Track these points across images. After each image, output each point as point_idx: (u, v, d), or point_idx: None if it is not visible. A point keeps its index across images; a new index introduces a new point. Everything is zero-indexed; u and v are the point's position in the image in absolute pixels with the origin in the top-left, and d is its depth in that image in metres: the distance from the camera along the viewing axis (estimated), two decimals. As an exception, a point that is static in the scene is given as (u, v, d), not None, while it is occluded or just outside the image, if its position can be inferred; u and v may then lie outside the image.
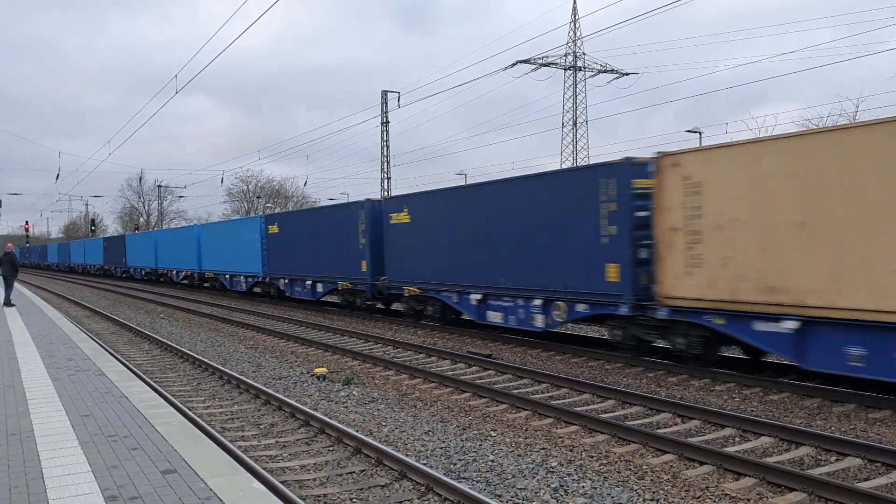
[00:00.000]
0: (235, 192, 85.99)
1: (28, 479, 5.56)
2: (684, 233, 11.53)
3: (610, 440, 8.55)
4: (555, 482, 6.97)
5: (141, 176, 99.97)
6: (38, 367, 10.93)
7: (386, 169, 53.56)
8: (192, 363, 14.56)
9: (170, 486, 5.38)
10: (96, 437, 6.78)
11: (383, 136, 52.91)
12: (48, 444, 6.54)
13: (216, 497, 5.12)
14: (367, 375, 13.02)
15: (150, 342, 17.99)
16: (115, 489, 5.30)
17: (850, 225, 9.42)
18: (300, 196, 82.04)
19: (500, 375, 12.79)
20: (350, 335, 18.41)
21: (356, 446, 8.11)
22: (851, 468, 7.37)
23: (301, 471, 7.58)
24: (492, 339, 16.88)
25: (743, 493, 6.68)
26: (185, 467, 5.84)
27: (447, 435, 8.84)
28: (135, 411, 7.91)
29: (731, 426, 8.93)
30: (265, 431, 9.23)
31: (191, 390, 11.98)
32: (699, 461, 7.58)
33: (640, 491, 6.77)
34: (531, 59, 50.52)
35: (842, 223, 9.51)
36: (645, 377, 12.26)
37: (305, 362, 14.62)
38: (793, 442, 8.24)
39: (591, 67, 55.21)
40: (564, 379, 11.77)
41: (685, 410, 9.64)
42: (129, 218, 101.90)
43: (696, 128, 37.76)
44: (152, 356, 15.76)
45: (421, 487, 6.82)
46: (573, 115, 55.69)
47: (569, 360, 14.14)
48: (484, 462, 7.68)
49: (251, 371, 13.69)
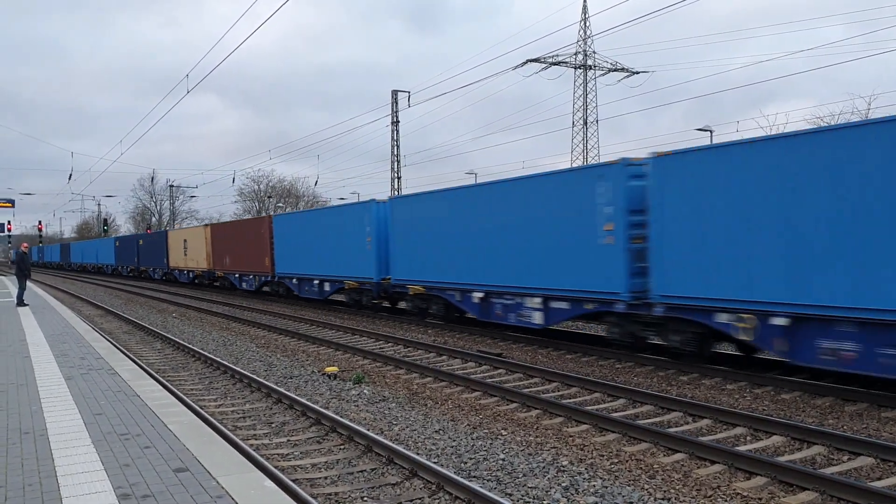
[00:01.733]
0: (247, 191, 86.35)
1: (41, 477, 5.61)
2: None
3: (621, 439, 8.54)
4: (565, 481, 6.97)
5: (153, 176, 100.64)
6: (52, 365, 11.01)
7: (396, 168, 53.59)
8: (203, 362, 14.63)
9: (182, 484, 5.41)
10: (109, 436, 6.83)
11: (393, 135, 52.94)
12: (61, 443, 6.59)
13: (228, 495, 5.15)
14: (377, 374, 13.05)
15: (162, 341, 18.09)
16: (128, 487, 5.34)
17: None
18: (311, 196, 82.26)
19: (510, 374, 12.79)
20: (360, 334, 18.45)
21: (367, 445, 8.13)
22: (864, 467, 7.32)
23: (312, 469, 7.61)
24: (502, 338, 16.88)
25: (754, 493, 6.65)
26: (198, 466, 5.87)
27: (458, 434, 8.85)
28: (147, 410, 7.96)
29: (743, 425, 8.90)
30: (276, 430, 9.27)
31: (203, 389, 12.04)
32: (710, 460, 7.56)
33: (650, 490, 6.76)
34: (541, 57, 50.44)
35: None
36: (656, 376, 12.22)
37: (316, 361, 14.66)
38: (805, 441, 8.20)
39: (602, 66, 55.03)
40: (575, 378, 11.75)
41: (696, 409, 9.61)
42: (142, 217, 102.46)
43: (707, 126, 37.53)
44: (164, 355, 15.85)
45: (432, 486, 6.84)
46: (583, 114, 55.55)
47: (579, 359, 14.12)
48: (494, 461, 7.68)
49: (263, 370, 13.75)
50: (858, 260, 9.41)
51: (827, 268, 9.75)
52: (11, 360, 11.63)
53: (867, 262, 9.32)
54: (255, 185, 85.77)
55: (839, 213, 9.62)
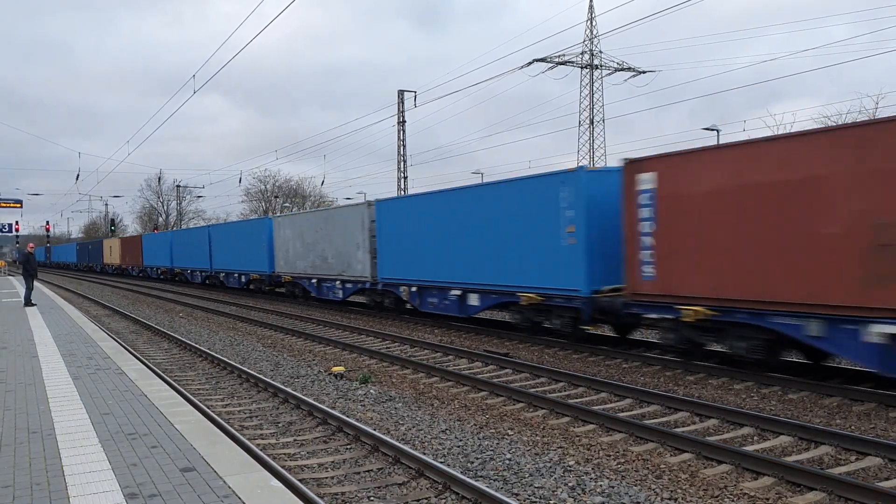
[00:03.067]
0: (253, 191, 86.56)
1: (49, 476, 5.63)
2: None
3: (627, 439, 8.52)
4: (572, 481, 6.96)
5: (160, 176, 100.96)
6: (59, 365, 11.06)
7: (403, 168, 53.57)
8: (210, 362, 14.67)
9: (189, 483, 5.42)
10: (116, 436, 6.85)
11: (400, 135, 52.92)
12: (69, 442, 6.62)
13: (235, 495, 5.16)
14: (384, 374, 13.06)
15: (169, 341, 18.14)
16: (135, 487, 5.35)
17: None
18: (317, 195, 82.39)
19: (516, 374, 12.78)
20: (367, 334, 18.47)
21: (373, 444, 8.14)
22: (872, 468, 7.30)
23: (319, 469, 7.62)
24: (508, 338, 16.87)
25: (762, 493, 6.63)
26: (204, 465, 5.89)
27: (464, 433, 8.85)
28: (154, 410, 7.98)
29: (750, 425, 8.87)
30: (283, 430, 9.28)
31: (210, 389, 12.07)
32: (717, 460, 7.54)
33: (657, 490, 6.74)
34: (547, 57, 50.42)
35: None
36: (662, 376, 12.20)
37: (323, 361, 14.68)
38: (812, 441, 8.17)
39: (608, 66, 55.00)
40: (581, 378, 11.74)
41: (703, 409, 9.59)
42: (149, 218, 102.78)
43: (714, 125, 37.50)
44: (171, 355, 15.89)
45: (438, 486, 6.84)
46: (590, 113, 55.50)
47: (585, 358, 14.10)
48: (501, 461, 7.68)
49: (269, 370, 13.77)
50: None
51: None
52: (19, 359, 11.68)
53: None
54: (262, 185, 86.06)
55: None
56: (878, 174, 9.29)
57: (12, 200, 52.06)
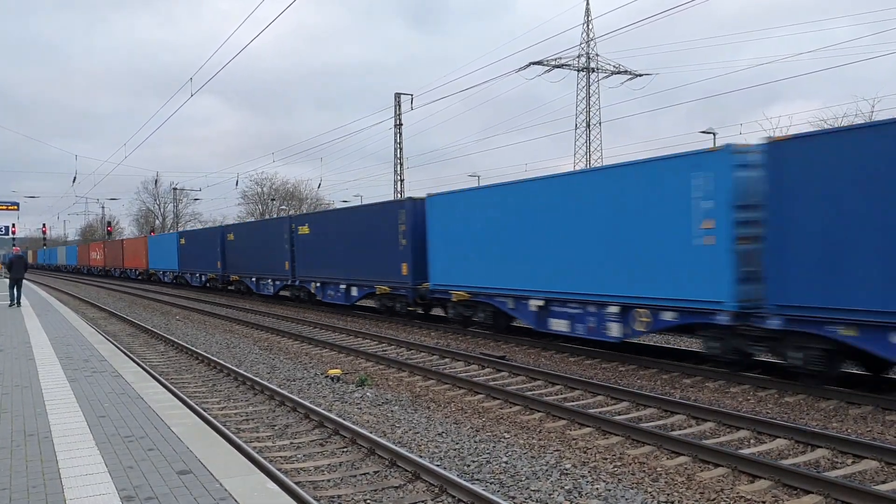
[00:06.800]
0: (250, 194, 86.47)
1: (46, 479, 5.62)
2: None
3: (624, 442, 8.52)
4: (569, 484, 6.96)
5: (156, 178, 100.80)
6: (55, 368, 11.03)
7: (399, 171, 53.58)
8: (207, 364, 14.65)
9: (185, 486, 5.42)
10: (113, 438, 6.84)
11: (396, 138, 52.95)
12: (65, 445, 6.61)
13: (231, 497, 5.16)
14: (380, 377, 13.05)
15: (165, 344, 18.11)
16: (132, 489, 5.34)
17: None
18: (314, 198, 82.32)
19: (513, 377, 12.78)
20: (364, 336, 18.46)
21: (370, 447, 8.13)
22: (868, 471, 7.31)
23: (315, 472, 7.61)
24: (505, 340, 16.87)
25: (758, 496, 6.64)
26: (201, 468, 5.88)
27: (461, 436, 8.85)
28: (151, 412, 7.97)
29: (747, 428, 8.88)
30: (280, 432, 9.27)
31: (206, 391, 12.05)
32: (714, 463, 7.55)
33: (654, 493, 6.75)
34: (544, 60, 50.43)
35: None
36: (659, 379, 12.21)
37: (320, 364, 14.67)
38: (808, 444, 8.18)
39: (605, 69, 55.08)
40: (578, 381, 11.74)
41: (700, 412, 9.60)
42: (145, 220, 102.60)
43: (711, 128, 37.55)
44: (168, 357, 15.87)
45: (435, 489, 6.83)
46: (586, 116, 55.56)
47: (582, 361, 14.11)
48: (498, 464, 7.68)
49: (266, 372, 13.76)
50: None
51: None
52: (16, 362, 11.66)
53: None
54: (259, 187, 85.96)
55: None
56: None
57: (9, 203, 51.92)
